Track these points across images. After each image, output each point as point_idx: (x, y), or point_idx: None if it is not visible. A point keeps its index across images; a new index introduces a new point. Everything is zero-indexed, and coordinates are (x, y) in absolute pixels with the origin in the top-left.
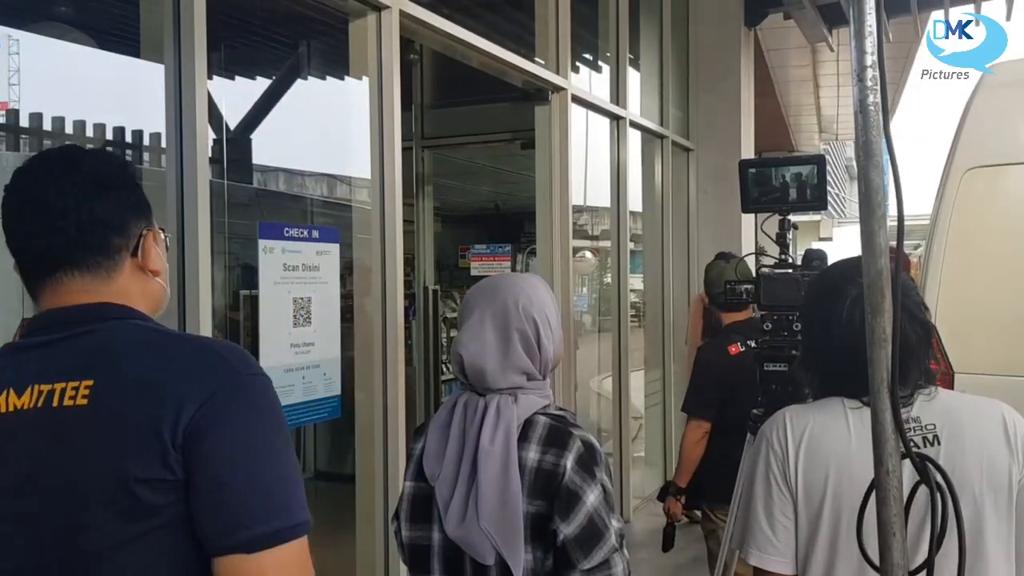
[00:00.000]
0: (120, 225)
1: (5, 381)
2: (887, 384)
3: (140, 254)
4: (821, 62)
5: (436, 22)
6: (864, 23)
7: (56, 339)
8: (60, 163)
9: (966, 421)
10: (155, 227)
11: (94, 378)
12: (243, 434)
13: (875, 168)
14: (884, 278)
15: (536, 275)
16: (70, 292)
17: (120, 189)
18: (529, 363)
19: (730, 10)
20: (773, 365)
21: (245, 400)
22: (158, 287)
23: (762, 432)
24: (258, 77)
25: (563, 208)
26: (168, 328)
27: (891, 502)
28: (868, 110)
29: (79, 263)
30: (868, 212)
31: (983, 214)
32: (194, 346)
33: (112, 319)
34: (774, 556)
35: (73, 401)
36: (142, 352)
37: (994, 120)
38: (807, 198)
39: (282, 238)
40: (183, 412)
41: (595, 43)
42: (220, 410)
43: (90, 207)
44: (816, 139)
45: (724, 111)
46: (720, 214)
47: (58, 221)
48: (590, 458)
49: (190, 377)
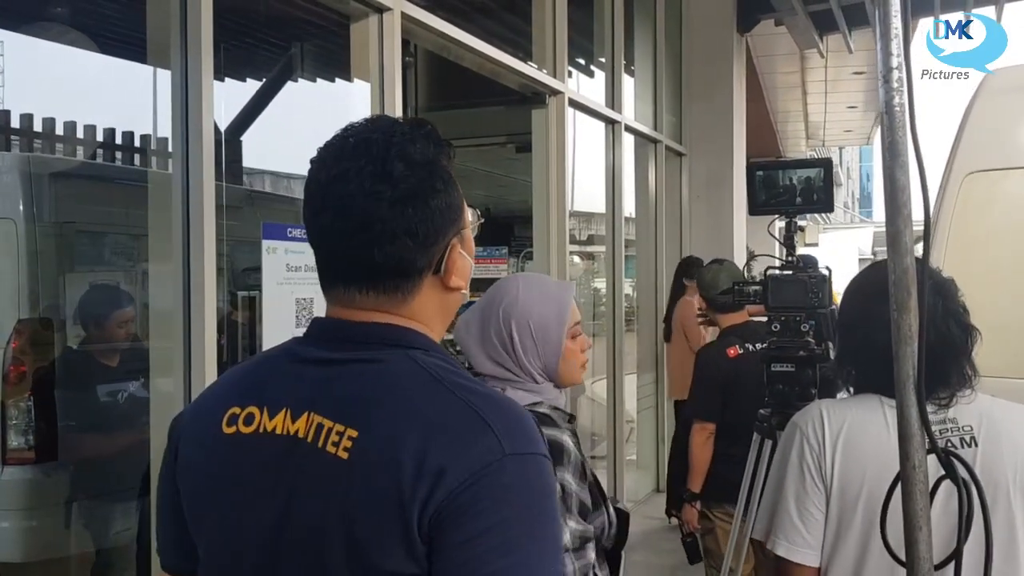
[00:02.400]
0: (427, 242)
1: (281, 396)
2: (913, 381)
3: (443, 270)
4: (809, 69)
5: (437, 24)
6: (890, 25)
7: (338, 360)
8: (374, 157)
9: (1004, 425)
10: (464, 226)
11: (359, 429)
12: (494, 533)
13: (900, 168)
14: (910, 276)
15: (553, 283)
16: (362, 307)
17: (436, 194)
18: (507, 358)
19: (723, 17)
20: (780, 365)
21: (506, 488)
22: (456, 300)
23: (794, 424)
24: (260, 79)
25: (560, 211)
26: (450, 367)
27: (917, 496)
28: (894, 111)
29: (375, 284)
30: (894, 211)
31: (983, 218)
32: (464, 406)
33: (398, 347)
34: (803, 548)
35: (336, 449)
36: (411, 404)
37: (995, 124)
38: (814, 200)
39: (285, 238)
40: (435, 494)
41: (590, 48)
42: (474, 498)
43: (399, 222)
44: (803, 145)
45: (717, 116)
46: (712, 219)
47: (361, 234)
48: (553, 457)
49: (449, 449)
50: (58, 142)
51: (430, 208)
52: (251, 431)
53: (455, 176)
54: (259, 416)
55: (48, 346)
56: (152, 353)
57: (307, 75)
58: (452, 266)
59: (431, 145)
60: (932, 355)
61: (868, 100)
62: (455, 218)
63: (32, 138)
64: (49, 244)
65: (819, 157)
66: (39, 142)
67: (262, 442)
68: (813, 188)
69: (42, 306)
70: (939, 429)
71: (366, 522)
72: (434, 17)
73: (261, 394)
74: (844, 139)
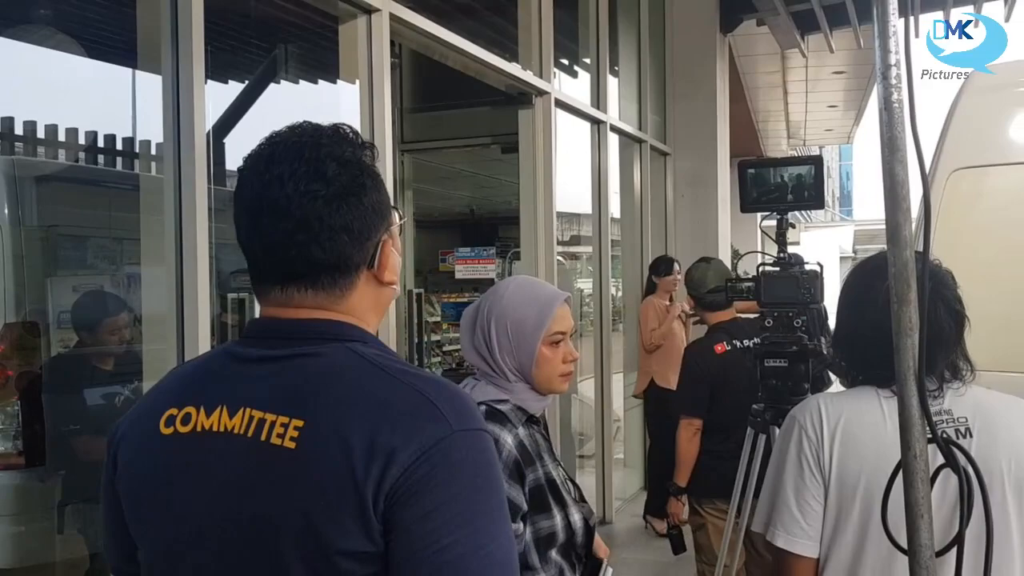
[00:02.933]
0: (361, 238)
1: (219, 396)
2: (914, 372)
3: (377, 265)
4: (790, 68)
5: (425, 25)
6: (888, 23)
7: (274, 356)
8: (309, 162)
9: (999, 416)
10: (393, 223)
11: (305, 419)
12: (448, 507)
13: (900, 163)
14: (910, 269)
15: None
16: (299, 306)
17: (365, 192)
18: (487, 354)
19: (706, 17)
20: (773, 361)
21: (456, 463)
22: (389, 294)
23: (793, 417)
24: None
25: (547, 212)
26: (388, 356)
27: (918, 484)
28: (892, 107)
29: (313, 281)
30: (894, 205)
31: (969, 214)
32: (408, 389)
33: (336, 341)
34: (802, 539)
35: (281, 440)
36: (355, 392)
37: (979, 122)
38: (805, 198)
39: None
40: (387, 474)
41: (575, 49)
42: (426, 474)
43: (332, 221)
44: (784, 144)
45: (700, 116)
46: (697, 218)
47: (298, 234)
48: None
49: (398, 430)
50: (40, 145)
51: (363, 205)
52: (188, 430)
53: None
54: (196, 415)
55: (34, 350)
56: (146, 356)
57: (293, 77)
58: (386, 261)
59: (356, 146)
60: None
61: (848, 99)
62: (385, 214)
63: (13, 141)
64: (33, 248)
65: (810, 155)
66: (20, 145)
67: (199, 440)
68: (804, 186)
69: (27, 310)
70: (935, 420)
71: (320, 506)
72: (422, 18)
73: (199, 394)
74: (824, 138)
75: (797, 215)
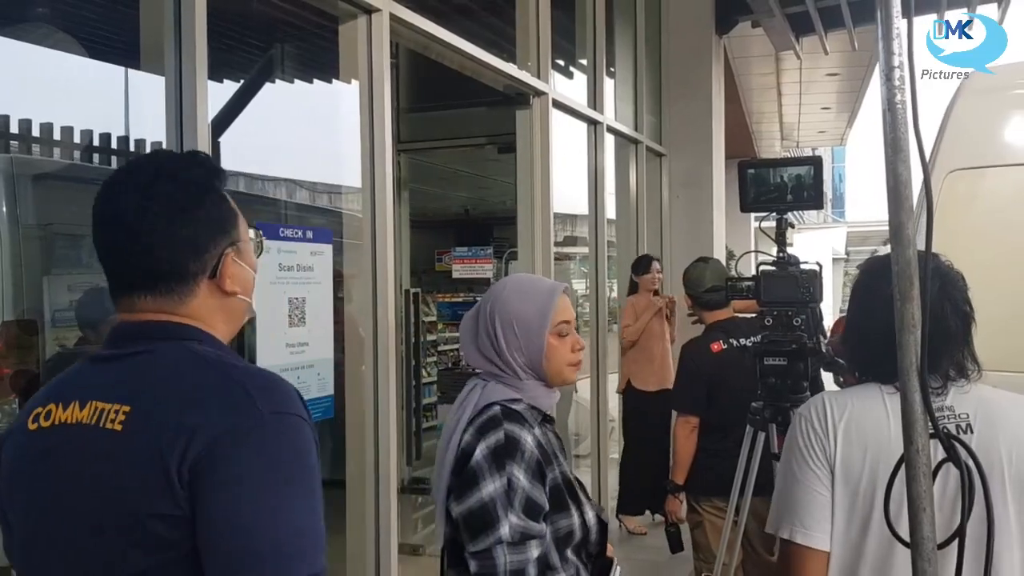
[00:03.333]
0: (198, 249)
1: (74, 392)
2: (916, 367)
3: (218, 275)
4: (784, 70)
5: (425, 26)
6: (891, 26)
7: (119, 355)
8: (144, 179)
9: (1000, 413)
10: (239, 239)
11: (132, 405)
12: (251, 476)
13: (903, 163)
14: (913, 267)
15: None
16: (143, 310)
17: (202, 208)
18: (495, 355)
19: (701, 19)
20: (772, 359)
21: (259, 438)
22: (236, 304)
23: (799, 414)
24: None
25: (544, 212)
26: (221, 353)
27: (920, 479)
28: (896, 107)
29: (152, 288)
30: (897, 205)
31: (965, 215)
32: (225, 377)
33: (172, 340)
34: (816, 532)
35: (112, 424)
36: (176, 380)
37: (975, 124)
38: (804, 198)
39: (277, 238)
40: (192, 445)
41: (572, 50)
42: (229, 449)
43: (167, 232)
44: (777, 146)
45: (696, 117)
46: (692, 218)
47: (134, 245)
48: (504, 451)
49: (207, 408)
50: (35, 143)
51: (197, 219)
52: (48, 425)
53: (229, 197)
54: (55, 411)
55: (30, 349)
56: None
57: (292, 76)
58: (226, 272)
59: (202, 169)
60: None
61: (841, 101)
62: (227, 230)
63: (9, 139)
64: (30, 246)
65: (810, 155)
66: (15, 143)
67: (56, 432)
68: (804, 186)
69: (24, 308)
70: (937, 416)
71: (133, 477)
72: (423, 19)
73: (61, 393)
74: (817, 140)
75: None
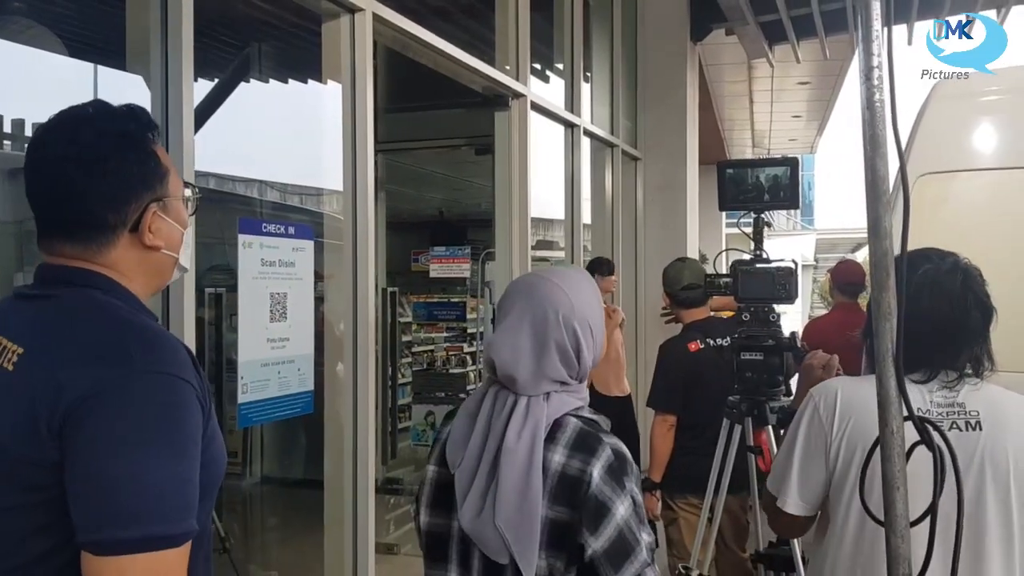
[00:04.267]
0: (117, 201)
1: None
2: (891, 353)
3: (140, 229)
4: (756, 78)
5: (408, 26)
6: (871, 28)
7: (33, 296)
8: (69, 127)
9: (1011, 413)
10: (167, 195)
11: (25, 347)
12: (113, 432)
13: (881, 159)
14: (889, 259)
15: (580, 271)
16: (61, 255)
17: (125, 161)
18: (564, 373)
19: (677, 25)
20: (750, 354)
21: (130, 394)
22: (160, 259)
23: (810, 396)
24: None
25: (522, 214)
26: (122, 305)
27: (895, 459)
28: (875, 106)
29: (71, 235)
30: (875, 199)
31: (935, 216)
32: (113, 330)
33: (78, 286)
34: (799, 501)
35: (7, 364)
36: (68, 329)
37: (944, 129)
38: (780, 197)
39: (260, 233)
40: (62, 397)
41: (549, 54)
42: (96, 406)
43: (86, 182)
44: (749, 153)
45: (671, 122)
46: (666, 222)
47: (53, 192)
48: (620, 468)
49: (83, 361)
50: (6, 140)
51: (117, 172)
52: None
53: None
54: None
55: None
56: None
57: (272, 75)
58: (148, 226)
59: (132, 122)
60: (945, 336)
61: (812, 110)
62: (151, 185)
63: None
64: (5, 242)
65: (786, 156)
66: None
67: None
68: (780, 186)
69: None
70: (946, 411)
71: (15, 419)
72: (405, 19)
73: None
74: (788, 147)
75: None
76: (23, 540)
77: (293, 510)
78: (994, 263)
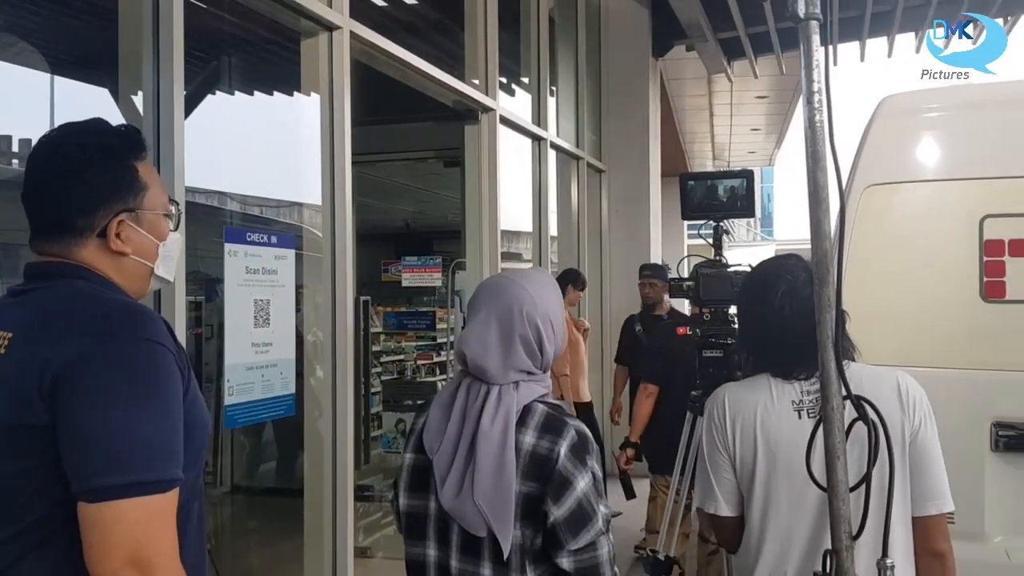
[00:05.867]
0: (86, 208)
1: None
2: (832, 340)
3: (106, 235)
4: (716, 92)
5: (384, 44)
6: (812, 56)
7: (25, 290)
8: (57, 142)
9: (868, 385)
10: (141, 208)
11: (15, 332)
12: (100, 390)
13: (821, 171)
14: (830, 257)
15: (543, 272)
16: (44, 252)
17: (100, 172)
18: (529, 363)
19: (639, 41)
20: (710, 352)
21: (113, 358)
22: (130, 265)
23: (707, 408)
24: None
25: (492, 226)
26: (102, 289)
27: (836, 432)
28: (816, 126)
29: (50, 235)
30: (816, 204)
31: (881, 226)
32: (94, 308)
33: (64, 277)
34: (721, 503)
35: (3, 349)
36: (55, 313)
37: (890, 143)
38: (738, 207)
39: (245, 242)
40: (50, 366)
41: (516, 69)
42: (83, 367)
43: (61, 188)
44: (709, 165)
45: (634, 135)
46: (631, 232)
47: (35, 194)
48: (582, 446)
49: (68, 335)
50: None
51: (89, 182)
52: None
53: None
54: None
55: None
56: None
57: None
58: (114, 233)
59: (117, 139)
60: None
61: (770, 123)
62: (122, 197)
63: None
64: None
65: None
66: None
67: None
68: (737, 196)
69: None
70: (814, 398)
71: (10, 391)
72: (381, 37)
73: None
74: (748, 160)
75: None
76: (26, 504)
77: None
78: (934, 266)
